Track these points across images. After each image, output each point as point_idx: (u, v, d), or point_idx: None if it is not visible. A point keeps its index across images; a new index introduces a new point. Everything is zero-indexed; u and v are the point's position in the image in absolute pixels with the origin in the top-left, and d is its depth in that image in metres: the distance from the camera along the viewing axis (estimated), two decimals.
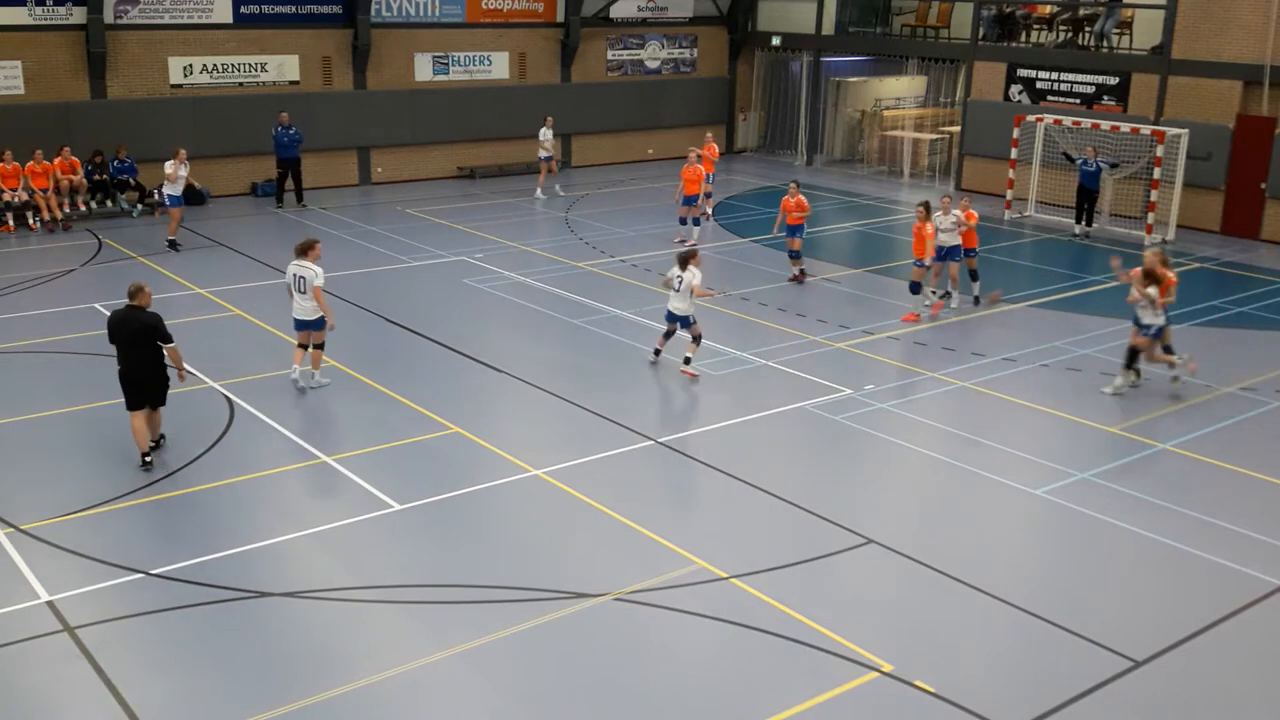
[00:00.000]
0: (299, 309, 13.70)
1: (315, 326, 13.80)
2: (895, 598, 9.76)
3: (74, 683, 8.33)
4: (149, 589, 9.56)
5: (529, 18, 29.98)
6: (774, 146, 34.41)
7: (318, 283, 13.45)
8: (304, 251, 13.59)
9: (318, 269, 13.54)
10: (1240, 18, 23.60)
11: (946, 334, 16.89)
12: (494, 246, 21.92)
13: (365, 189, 27.92)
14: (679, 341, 15.14)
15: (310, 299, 13.53)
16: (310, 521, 10.81)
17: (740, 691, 8.36)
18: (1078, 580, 10.11)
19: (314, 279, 13.45)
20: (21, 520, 10.67)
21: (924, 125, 32.21)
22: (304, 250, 13.60)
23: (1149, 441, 13.08)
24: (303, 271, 13.52)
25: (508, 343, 16.32)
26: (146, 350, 11.73)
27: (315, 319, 13.72)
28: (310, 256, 13.58)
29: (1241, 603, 9.72)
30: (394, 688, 8.31)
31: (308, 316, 13.71)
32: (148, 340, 11.71)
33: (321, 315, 13.62)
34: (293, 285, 13.65)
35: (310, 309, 13.62)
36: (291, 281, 13.65)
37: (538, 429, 13.40)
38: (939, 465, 12.47)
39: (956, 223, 17.65)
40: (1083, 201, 23.84)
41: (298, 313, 13.75)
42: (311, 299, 13.52)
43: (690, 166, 22.11)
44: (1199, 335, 17.19)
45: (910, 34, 31.57)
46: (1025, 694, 8.40)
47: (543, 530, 10.92)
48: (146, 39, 24.83)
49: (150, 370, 11.79)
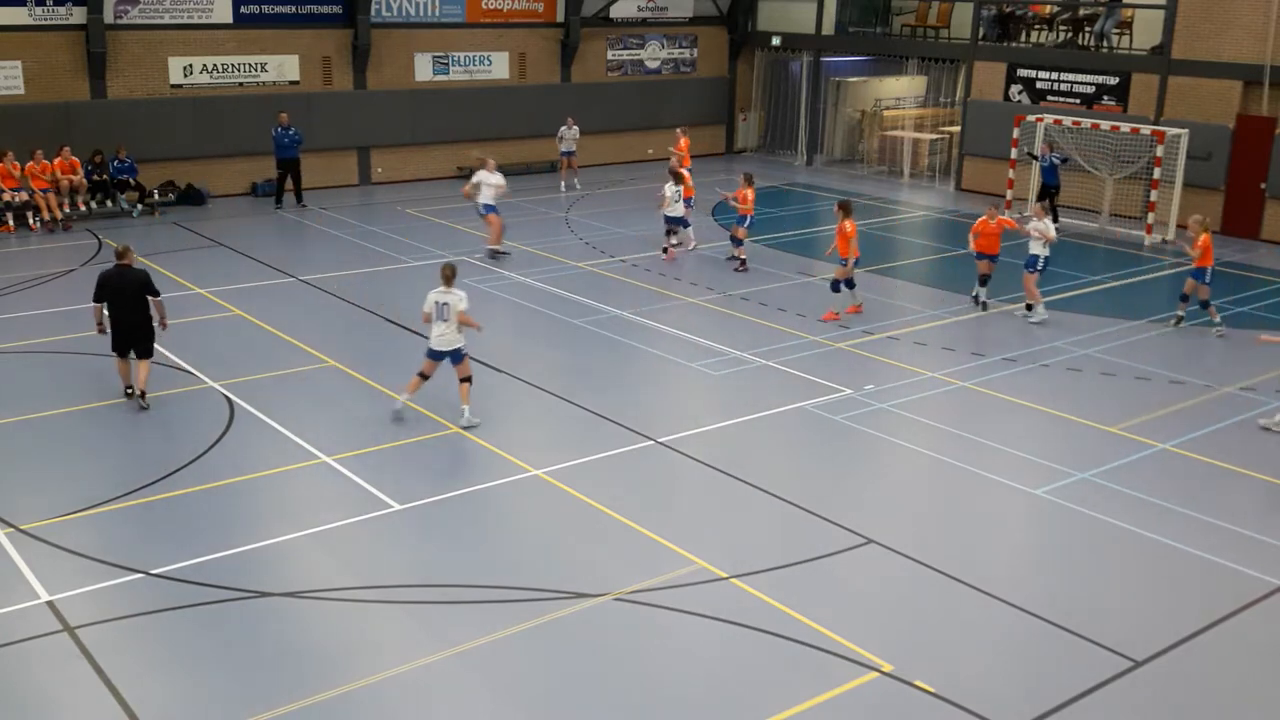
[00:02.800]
0: (439, 339, 12.90)
1: (456, 359, 13.04)
2: (895, 598, 9.76)
3: (74, 683, 8.33)
4: (149, 589, 9.56)
5: (529, 18, 29.99)
6: (774, 146, 34.42)
7: (462, 306, 12.77)
8: (449, 279, 12.96)
9: (462, 293, 12.92)
10: (1240, 18, 23.60)
11: (947, 334, 16.89)
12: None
13: (365, 189, 27.92)
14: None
15: (453, 327, 12.80)
16: (310, 521, 10.81)
17: (740, 691, 8.36)
18: (1078, 580, 10.11)
19: (458, 303, 12.76)
20: (21, 520, 10.67)
21: (924, 125, 32.21)
22: (449, 277, 12.97)
23: (1149, 441, 13.08)
24: (446, 298, 12.81)
25: (508, 343, 16.31)
26: (139, 302, 13.40)
27: (455, 349, 12.96)
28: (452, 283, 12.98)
29: (1241, 603, 9.72)
30: (394, 688, 8.31)
31: (447, 347, 12.91)
32: (139, 293, 13.38)
33: (459, 346, 12.93)
34: (434, 313, 12.88)
35: (451, 338, 12.87)
36: (433, 310, 12.89)
37: (538, 429, 13.40)
38: (939, 465, 12.47)
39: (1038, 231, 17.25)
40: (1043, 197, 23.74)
41: (437, 344, 12.92)
42: (454, 327, 12.80)
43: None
44: (1199, 335, 17.20)
45: (910, 34, 31.57)
46: (1025, 694, 8.40)
47: (543, 530, 10.92)
48: (146, 39, 24.83)
49: (140, 319, 13.45)
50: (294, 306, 17.93)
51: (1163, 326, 17.56)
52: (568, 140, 27.79)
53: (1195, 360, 15.98)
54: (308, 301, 18.24)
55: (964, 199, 28.07)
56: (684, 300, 18.50)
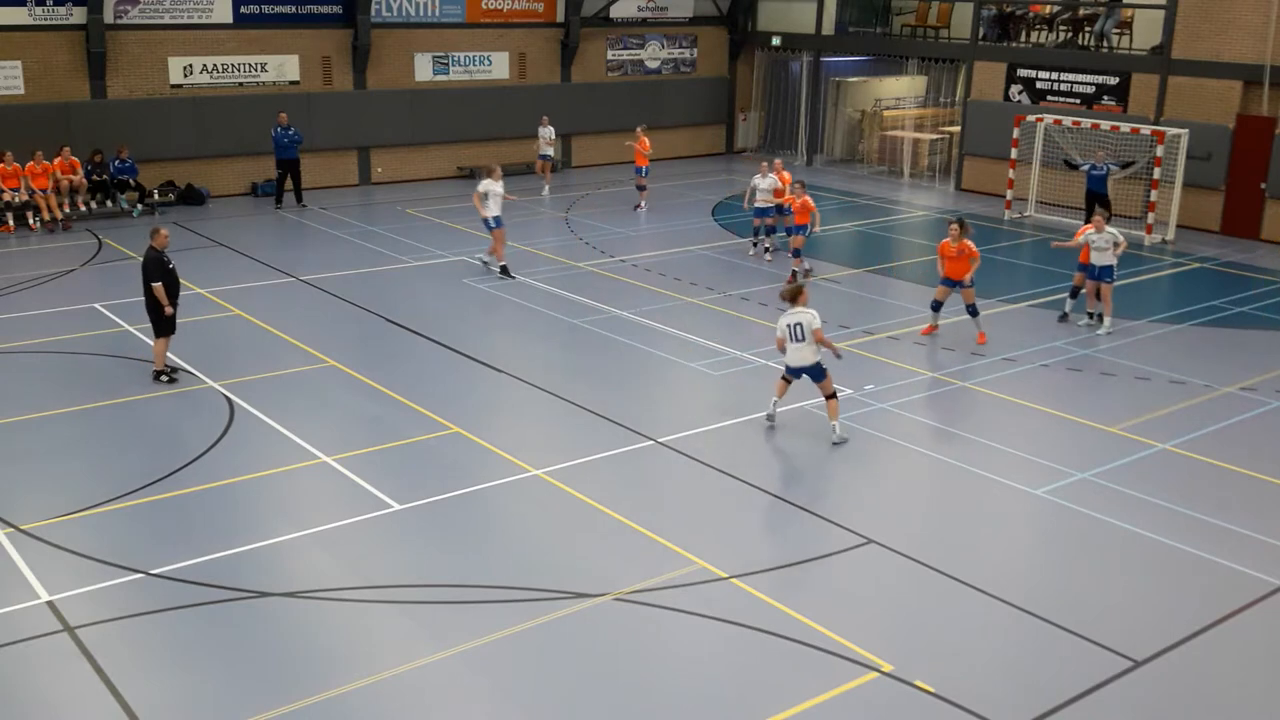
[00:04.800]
0: (794, 357, 12.98)
1: (817, 376, 12.99)
2: (895, 598, 9.76)
3: (74, 683, 8.33)
4: (149, 589, 9.56)
5: (529, 18, 29.98)
6: (774, 146, 34.37)
7: (816, 325, 12.78)
8: (794, 298, 13.03)
9: (813, 312, 12.94)
10: (1240, 18, 23.59)
11: (947, 334, 16.88)
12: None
13: (365, 189, 27.92)
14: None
15: (809, 345, 12.83)
16: (310, 521, 10.80)
17: (740, 691, 8.36)
18: (1078, 580, 10.11)
19: (812, 322, 12.78)
20: (21, 520, 10.67)
21: (924, 125, 32.20)
22: (793, 297, 13.05)
23: (1149, 441, 13.08)
24: (798, 318, 12.87)
25: (508, 343, 16.32)
26: (145, 285, 14.05)
27: (812, 365, 12.93)
28: (800, 302, 13.01)
29: (1241, 603, 9.71)
30: (394, 688, 8.31)
31: (805, 363, 12.96)
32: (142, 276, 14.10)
33: (817, 361, 12.90)
34: (788, 336, 12.94)
35: (808, 355, 12.90)
36: (785, 333, 12.95)
37: (538, 429, 13.40)
38: (939, 465, 12.47)
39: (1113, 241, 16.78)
40: (1093, 206, 23.60)
41: (793, 361, 13.01)
42: (810, 344, 12.82)
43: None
44: (1199, 335, 17.20)
45: (910, 34, 31.57)
46: (1025, 694, 8.40)
47: (543, 530, 10.92)
48: (146, 39, 24.83)
49: (147, 302, 14.14)
50: (294, 306, 17.93)
51: (1163, 326, 17.56)
52: (543, 142, 27.35)
53: (1195, 360, 15.97)
54: (308, 301, 18.24)
55: (964, 199, 28.07)
56: (684, 300, 18.50)
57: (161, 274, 14.01)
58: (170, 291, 14.12)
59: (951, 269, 16.38)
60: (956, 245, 16.25)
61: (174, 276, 14.31)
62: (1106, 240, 16.73)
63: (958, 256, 16.27)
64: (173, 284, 14.25)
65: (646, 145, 25.38)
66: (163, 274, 14.02)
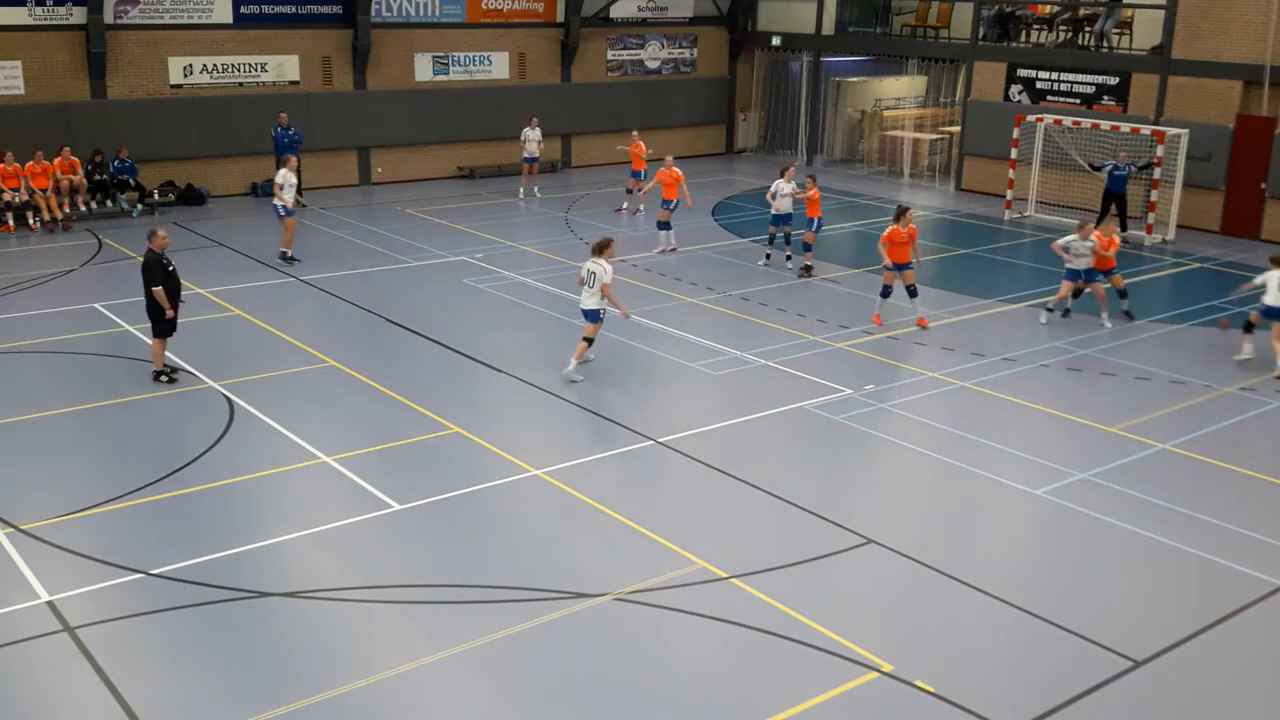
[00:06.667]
0: (584, 300, 14.68)
1: (589, 317, 14.64)
2: (895, 598, 9.76)
3: (74, 683, 8.33)
4: (149, 589, 9.56)
5: (529, 18, 29.98)
6: (774, 146, 34.41)
7: (606, 280, 14.35)
8: (600, 250, 14.57)
9: (609, 267, 14.47)
10: (1240, 18, 23.59)
11: (947, 334, 16.89)
12: (494, 246, 21.92)
13: (365, 189, 27.92)
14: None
15: (596, 294, 14.43)
16: (310, 521, 10.80)
17: (740, 691, 8.36)
18: (1078, 580, 10.11)
19: (603, 276, 14.36)
20: (21, 520, 10.67)
21: (924, 125, 32.20)
22: (600, 249, 14.58)
23: (1149, 441, 13.08)
24: (594, 268, 14.45)
25: (508, 343, 16.32)
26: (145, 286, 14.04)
27: (591, 310, 14.56)
28: (606, 255, 14.54)
29: (1241, 603, 9.72)
30: (394, 688, 8.31)
31: (586, 307, 14.65)
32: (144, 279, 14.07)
33: (596, 309, 14.52)
34: (586, 281, 14.55)
35: (591, 302, 14.52)
36: (586, 277, 14.55)
37: (538, 429, 13.40)
38: (939, 465, 12.47)
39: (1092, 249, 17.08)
40: (1108, 206, 23.55)
41: (582, 304, 14.72)
42: (597, 294, 14.43)
43: (667, 170, 21.89)
44: (1199, 335, 17.20)
45: (910, 34, 31.57)
46: (1025, 694, 8.40)
47: (543, 530, 10.92)
48: (146, 39, 24.83)
49: (148, 304, 14.12)
50: (294, 306, 17.94)
51: (1163, 326, 17.56)
52: (531, 144, 27.04)
53: (1195, 360, 15.97)
54: (308, 301, 18.24)
55: (964, 199, 28.07)
56: (684, 300, 18.50)
57: (162, 277, 13.98)
58: (171, 294, 14.09)
59: (898, 253, 17.02)
60: (906, 230, 16.90)
61: (175, 279, 14.26)
62: (1086, 247, 17.19)
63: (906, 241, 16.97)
64: (174, 286, 14.20)
65: (642, 149, 25.31)
66: (163, 277, 13.99)
